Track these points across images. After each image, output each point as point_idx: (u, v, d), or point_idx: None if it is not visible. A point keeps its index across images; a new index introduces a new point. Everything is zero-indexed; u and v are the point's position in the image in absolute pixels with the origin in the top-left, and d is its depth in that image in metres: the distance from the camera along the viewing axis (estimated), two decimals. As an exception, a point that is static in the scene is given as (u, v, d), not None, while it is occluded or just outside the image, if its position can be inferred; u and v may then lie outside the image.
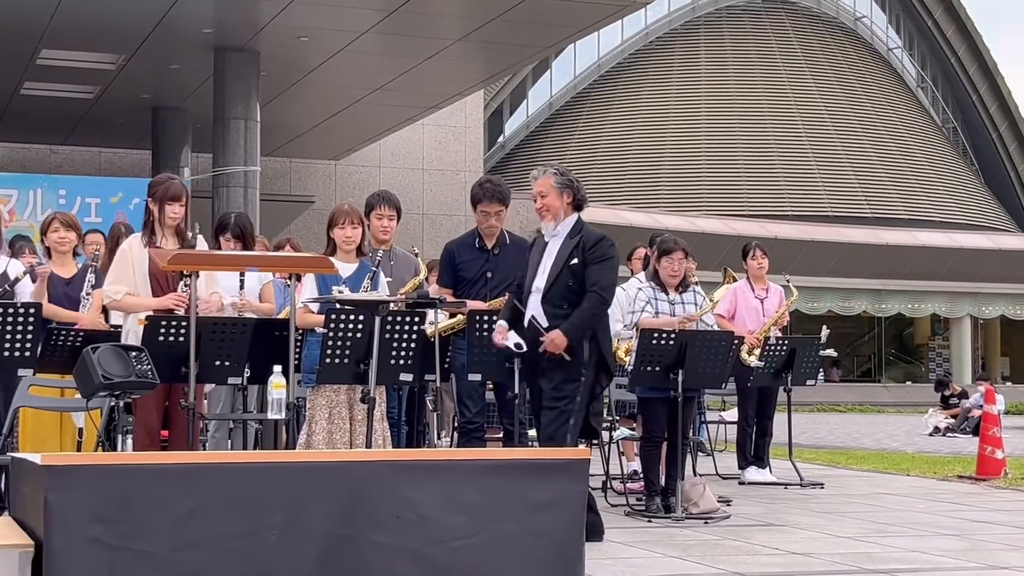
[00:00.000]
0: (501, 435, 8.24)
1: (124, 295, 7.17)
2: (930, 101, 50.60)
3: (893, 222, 40.89)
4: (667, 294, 8.66)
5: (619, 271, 7.36)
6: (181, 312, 6.99)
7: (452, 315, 7.89)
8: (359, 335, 6.86)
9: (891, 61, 49.77)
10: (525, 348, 7.09)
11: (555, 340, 6.96)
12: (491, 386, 8.17)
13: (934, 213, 43.43)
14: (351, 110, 22.65)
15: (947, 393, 22.59)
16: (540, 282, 7.16)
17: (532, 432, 8.06)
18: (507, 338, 7.11)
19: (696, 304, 8.74)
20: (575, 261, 7.08)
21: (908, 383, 41.18)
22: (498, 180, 8.12)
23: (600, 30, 23.07)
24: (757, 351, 10.37)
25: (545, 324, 7.04)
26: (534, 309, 7.14)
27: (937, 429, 21.10)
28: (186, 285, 7.01)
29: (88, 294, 8.28)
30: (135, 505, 4.22)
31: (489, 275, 7.88)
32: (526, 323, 7.14)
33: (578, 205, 7.25)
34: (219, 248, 8.63)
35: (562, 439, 6.93)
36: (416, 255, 8.36)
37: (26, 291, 7.66)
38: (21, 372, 7.02)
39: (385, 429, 7.18)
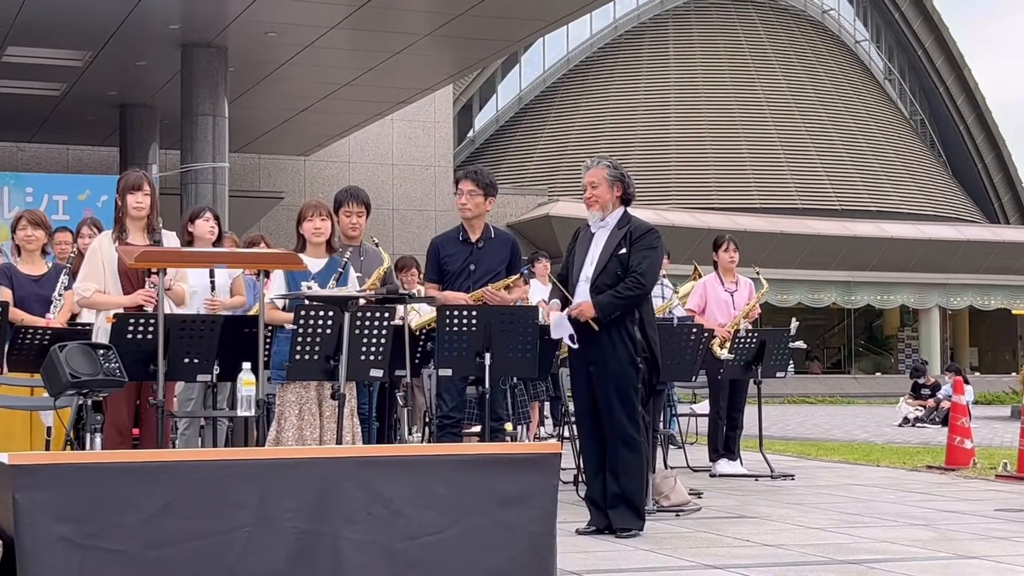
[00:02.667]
0: (478, 430, 8.23)
1: (94, 292, 7.14)
2: (897, 93, 50.83)
3: (861, 214, 41.07)
4: None
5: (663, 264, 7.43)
6: (150, 309, 6.97)
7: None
8: (328, 331, 6.85)
9: (858, 53, 49.97)
10: (576, 344, 7.17)
11: (583, 308, 7.10)
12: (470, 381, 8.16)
13: (902, 205, 43.64)
14: (320, 106, 22.60)
15: (921, 382, 22.65)
16: (588, 271, 7.24)
17: (508, 426, 8.08)
18: (561, 327, 7.16)
19: (663, 297, 8.76)
20: (623, 251, 7.18)
21: (878, 374, 41.35)
22: (481, 168, 8.20)
23: (569, 24, 23.08)
24: (728, 344, 10.39)
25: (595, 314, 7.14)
26: (582, 297, 7.21)
27: (907, 420, 21.18)
28: (152, 284, 6.99)
29: (60, 295, 8.24)
30: (104, 504, 4.20)
31: (472, 267, 7.91)
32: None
33: (626, 199, 7.34)
34: (192, 233, 8.62)
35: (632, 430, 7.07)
36: (377, 245, 8.36)
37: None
38: (-11, 371, 6.99)
39: (355, 425, 7.17)
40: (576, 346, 7.21)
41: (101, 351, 6.03)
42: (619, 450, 7.11)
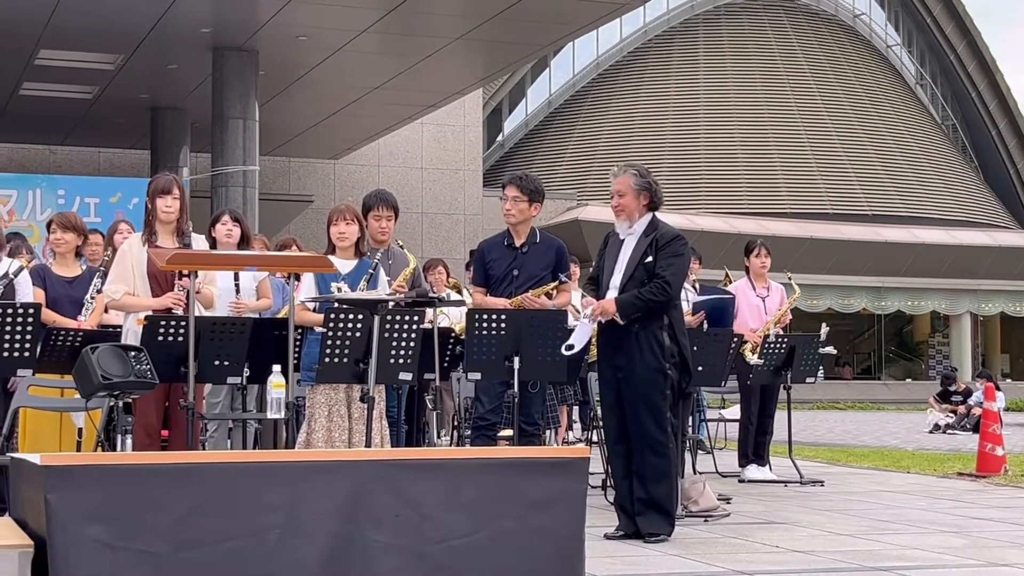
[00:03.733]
0: (509, 434, 8.21)
1: (123, 295, 7.17)
2: (929, 98, 50.57)
3: (892, 219, 40.87)
4: None
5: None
6: (179, 311, 6.99)
7: None
8: (358, 334, 6.86)
9: (890, 58, 49.74)
10: (570, 353, 7.21)
11: (605, 306, 7.11)
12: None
13: (933, 210, 43.41)
14: (350, 109, 22.66)
15: (952, 388, 22.53)
16: (617, 279, 7.24)
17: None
18: (581, 335, 7.19)
19: (687, 301, 8.74)
20: (649, 259, 7.16)
21: (908, 380, 41.16)
22: (527, 173, 8.19)
23: (599, 28, 23.06)
24: (759, 350, 10.37)
25: (623, 320, 7.13)
26: None
27: (937, 426, 21.07)
28: (181, 287, 7.01)
29: (92, 298, 8.28)
30: (135, 505, 4.21)
31: (515, 272, 7.90)
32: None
33: (654, 207, 7.31)
34: (215, 238, 8.63)
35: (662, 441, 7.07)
36: (402, 247, 8.37)
37: (27, 291, 7.65)
38: (20, 372, 7.02)
39: (384, 428, 7.18)
40: (569, 355, 7.20)
41: (132, 353, 6.05)
42: (646, 455, 7.10)
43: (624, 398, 7.16)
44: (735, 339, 9.90)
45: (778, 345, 10.35)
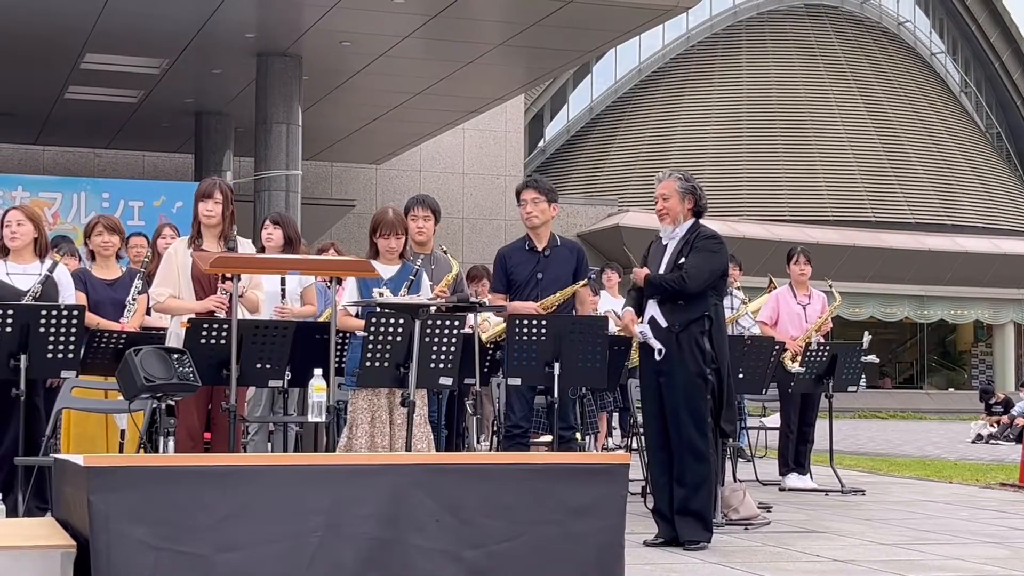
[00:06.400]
0: (548, 440, 8.22)
1: (168, 297, 7.22)
2: (974, 106, 50.21)
3: (936, 228, 40.58)
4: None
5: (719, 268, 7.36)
6: (222, 315, 7.03)
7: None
8: (399, 338, 6.88)
9: (934, 66, 49.41)
10: (664, 352, 7.17)
11: (638, 272, 7.25)
12: (539, 390, 8.15)
13: (977, 219, 43.07)
14: (392, 114, 22.72)
15: (991, 401, 22.42)
16: None
17: (577, 436, 8.08)
18: (646, 336, 7.19)
19: (732, 308, 8.73)
20: (682, 260, 7.17)
21: (951, 390, 40.85)
22: (538, 175, 8.26)
23: (641, 34, 23.02)
24: (800, 358, 10.33)
25: (665, 324, 7.16)
26: (653, 310, 7.23)
27: (980, 436, 20.93)
28: (224, 291, 7.05)
29: (133, 299, 8.34)
30: (178, 506, 4.24)
31: (540, 276, 7.93)
32: (648, 320, 7.24)
33: (698, 212, 7.35)
34: (262, 242, 8.69)
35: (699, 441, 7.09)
36: (445, 252, 8.39)
37: (69, 290, 7.71)
38: (64, 374, 7.08)
39: (427, 432, 7.19)
40: (659, 357, 7.20)
41: (175, 355, 6.09)
42: (687, 461, 7.09)
43: (665, 403, 7.16)
44: (776, 346, 9.86)
45: (820, 353, 10.31)
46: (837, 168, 42.71)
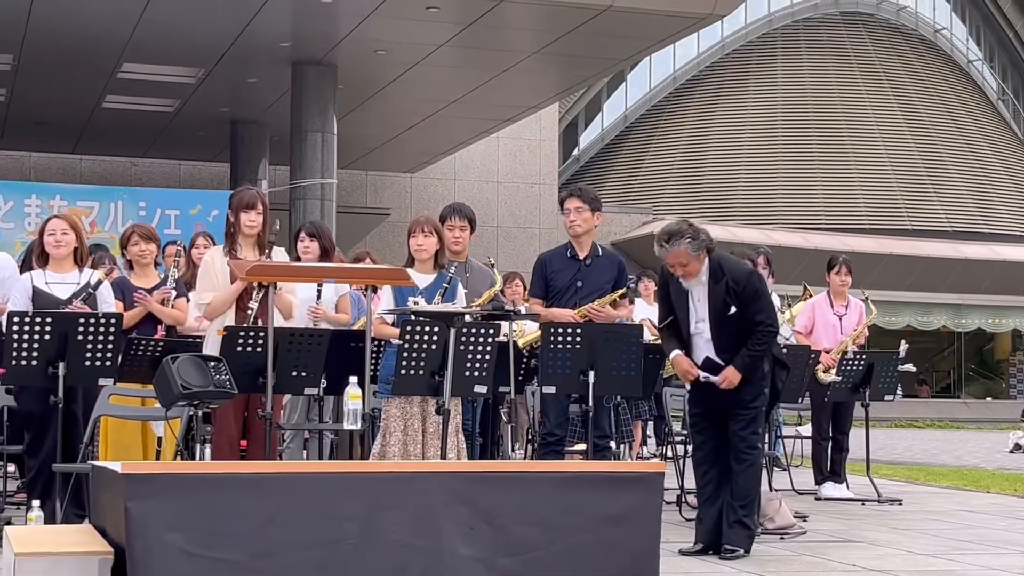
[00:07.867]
0: (582, 448, 8.21)
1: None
2: (1011, 114, 49.87)
3: (973, 236, 40.32)
4: None
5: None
6: (255, 303, 7.08)
7: None
8: (434, 346, 6.89)
9: (971, 73, 49.12)
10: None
11: (730, 377, 7.07)
12: (574, 399, 8.14)
13: (1015, 227, 42.80)
14: (427, 123, 22.77)
15: (1030, 414, 22.28)
16: (704, 330, 7.16)
17: (612, 444, 8.08)
18: (711, 379, 7.17)
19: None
20: (733, 309, 7.08)
21: (988, 399, 40.56)
22: (582, 184, 8.27)
23: (676, 43, 23.01)
24: (833, 371, 10.28)
25: (723, 364, 7.13)
26: (702, 353, 7.19)
27: (1018, 446, 20.76)
28: (254, 300, 7.09)
29: (173, 285, 8.44)
30: (214, 513, 4.26)
31: (579, 284, 7.93)
32: (701, 362, 7.20)
33: (710, 250, 7.17)
34: (298, 254, 8.73)
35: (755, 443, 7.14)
36: (492, 266, 8.40)
37: (108, 301, 7.76)
38: (102, 382, 7.12)
39: (461, 441, 7.19)
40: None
41: (212, 363, 6.13)
42: (740, 470, 7.09)
43: (719, 414, 7.15)
44: (812, 356, 9.82)
45: (857, 362, 10.26)
46: (873, 176, 42.52)
